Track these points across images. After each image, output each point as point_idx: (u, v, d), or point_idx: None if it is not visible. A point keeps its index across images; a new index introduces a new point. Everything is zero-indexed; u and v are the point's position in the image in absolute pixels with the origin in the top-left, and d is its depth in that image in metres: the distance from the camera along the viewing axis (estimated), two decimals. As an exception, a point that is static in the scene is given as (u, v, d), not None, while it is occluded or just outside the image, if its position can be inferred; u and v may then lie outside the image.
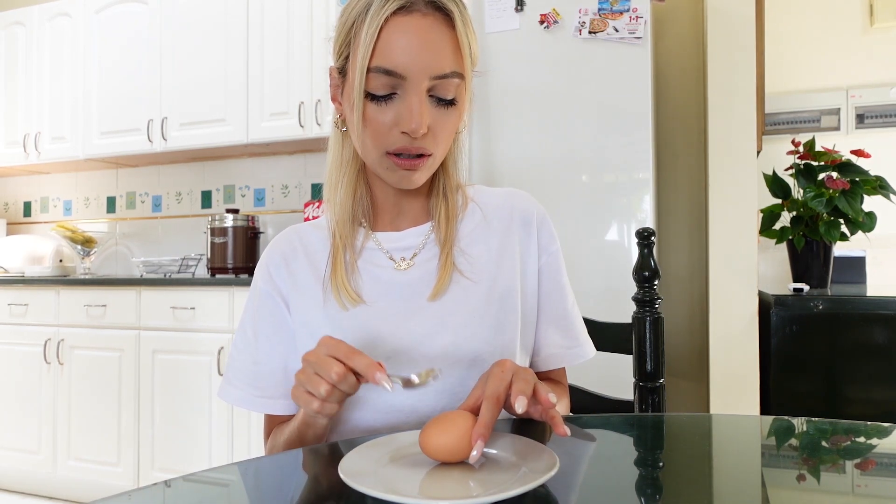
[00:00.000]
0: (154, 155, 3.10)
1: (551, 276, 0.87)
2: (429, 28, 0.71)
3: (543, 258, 0.86)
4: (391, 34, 0.70)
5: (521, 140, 1.94)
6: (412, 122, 0.71)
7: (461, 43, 0.73)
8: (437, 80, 0.72)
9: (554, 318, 0.87)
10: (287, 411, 0.83)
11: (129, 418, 2.63)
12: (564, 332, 0.88)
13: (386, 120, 0.73)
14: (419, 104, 0.71)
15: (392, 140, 0.73)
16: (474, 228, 0.85)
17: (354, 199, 0.83)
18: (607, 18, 1.87)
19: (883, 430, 0.74)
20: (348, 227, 0.82)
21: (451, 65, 0.72)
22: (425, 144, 0.74)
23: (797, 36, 2.53)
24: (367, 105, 0.73)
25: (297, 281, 0.83)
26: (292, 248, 0.85)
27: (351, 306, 0.79)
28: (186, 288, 2.56)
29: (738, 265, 1.92)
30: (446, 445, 0.57)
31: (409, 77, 0.71)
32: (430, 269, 0.81)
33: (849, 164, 2.05)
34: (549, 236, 0.87)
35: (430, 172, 0.79)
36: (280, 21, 2.76)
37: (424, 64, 0.70)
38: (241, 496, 0.59)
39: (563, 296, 0.88)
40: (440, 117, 0.74)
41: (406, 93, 0.72)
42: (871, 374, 1.76)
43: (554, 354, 0.88)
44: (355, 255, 0.82)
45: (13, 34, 3.36)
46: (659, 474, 0.62)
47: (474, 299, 0.80)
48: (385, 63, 0.70)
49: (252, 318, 0.85)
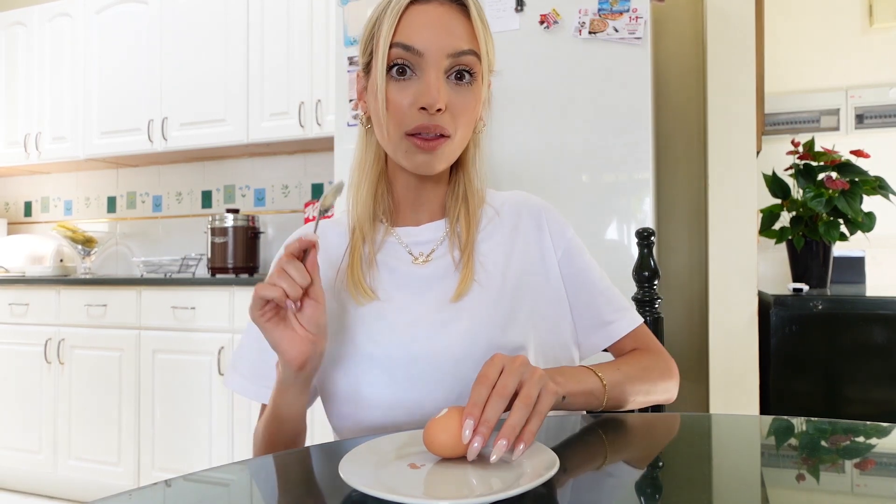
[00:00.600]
0: (154, 155, 3.10)
1: (570, 265, 0.87)
2: (445, 13, 0.76)
3: (560, 248, 0.87)
4: (410, 17, 0.75)
5: (521, 140, 1.94)
6: (429, 96, 0.74)
7: (476, 30, 0.77)
8: (454, 57, 0.76)
9: (582, 304, 0.87)
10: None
11: (129, 418, 2.63)
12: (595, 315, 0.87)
13: (405, 100, 0.75)
14: (436, 79, 0.75)
15: (411, 119, 0.75)
16: (487, 223, 0.87)
17: (376, 197, 0.84)
18: (607, 19, 1.87)
19: (882, 430, 0.74)
20: (368, 224, 0.84)
21: (467, 43, 0.76)
22: (443, 122, 0.76)
23: (797, 36, 2.53)
24: (390, 85, 0.76)
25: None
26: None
27: (365, 301, 0.80)
28: (187, 288, 2.56)
29: (737, 265, 1.92)
30: (450, 441, 0.57)
31: (426, 54, 0.75)
32: (447, 264, 0.83)
33: (848, 164, 2.05)
34: (558, 224, 0.89)
35: (450, 159, 0.80)
36: (280, 21, 2.76)
37: (441, 41, 0.75)
38: (241, 496, 0.59)
39: (587, 280, 0.87)
40: (458, 96, 0.77)
41: (424, 70, 0.75)
42: (871, 374, 1.76)
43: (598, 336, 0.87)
44: (374, 250, 0.84)
45: (13, 34, 3.37)
46: (659, 474, 0.62)
47: (487, 296, 0.81)
48: (404, 39, 0.75)
49: None
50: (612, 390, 0.76)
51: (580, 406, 0.74)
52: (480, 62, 0.78)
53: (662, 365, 0.87)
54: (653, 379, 0.84)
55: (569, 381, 0.72)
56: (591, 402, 0.75)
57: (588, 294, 0.87)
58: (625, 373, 0.79)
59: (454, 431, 0.57)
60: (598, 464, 0.64)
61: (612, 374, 0.78)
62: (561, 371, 0.74)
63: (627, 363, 0.83)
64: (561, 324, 0.86)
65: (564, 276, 0.87)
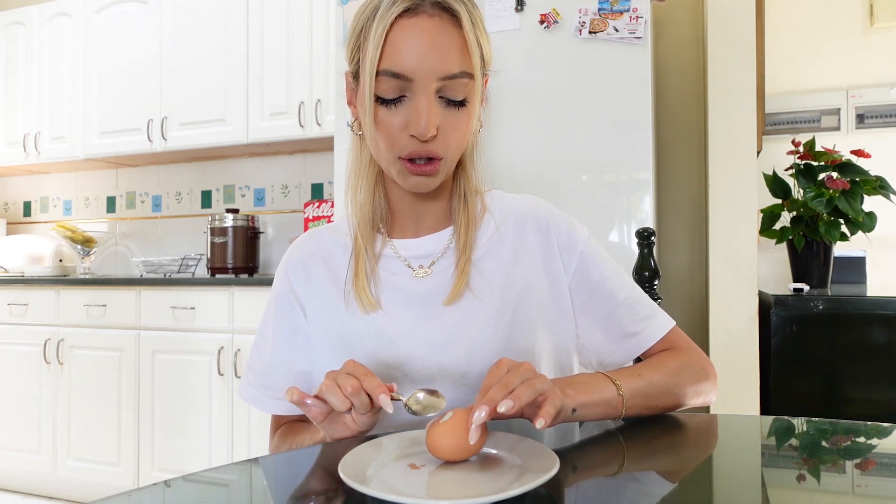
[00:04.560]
0: (154, 155, 3.10)
1: (586, 280, 0.83)
2: (435, 29, 0.70)
3: (573, 262, 0.82)
4: (397, 36, 0.70)
5: (521, 140, 1.94)
6: (420, 124, 0.70)
7: (469, 43, 0.72)
8: (446, 80, 0.71)
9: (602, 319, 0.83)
10: (295, 413, 0.83)
11: (129, 418, 2.63)
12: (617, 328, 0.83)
13: (396, 123, 0.72)
14: (427, 106, 0.71)
15: (403, 144, 0.73)
16: (487, 240, 0.83)
17: (373, 203, 0.82)
18: (607, 18, 1.87)
19: (883, 430, 0.74)
20: (368, 231, 0.82)
21: (459, 65, 0.71)
22: (435, 148, 0.73)
23: (798, 35, 2.53)
24: (378, 109, 0.72)
25: (315, 286, 0.84)
26: (310, 253, 0.86)
27: (370, 311, 0.79)
28: (186, 288, 2.56)
29: (738, 265, 1.92)
30: (451, 444, 0.57)
31: (416, 79, 0.70)
32: (448, 277, 0.80)
33: (849, 164, 2.05)
34: (569, 235, 0.83)
35: (444, 176, 0.77)
36: (280, 21, 2.75)
37: (431, 65, 0.70)
38: (242, 496, 0.59)
39: (606, 293, 0.82)
40: (450, 118, 0.73)
41: (414, 95, 0.71)
42: (871, 374, 1.76)
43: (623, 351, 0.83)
44: (375, 261, 0.82)
45: (13, 34, 3.36)
46: (659, 474, 0.62)
47: (487, 310, 0.79)
48: (392, 66, 0.70)
49: (268, 321, 0.87)
50: (631, 399, 0.72)
51: (595, 417, 0.71)
52: (474, 80, 0.73)
53: (695, 366, 0.80)
54: (682, 382, 0.77)
55: (580, 392, 0.68)
56: (608, 413, 0.72)
57: (608, 307, 0.82)
58: (647, 378, 0.75)
59: (458, 434, 0.57)
60: (597, 464, 0.64)
61: (633, 381, 0.73)
62: (572, 382, 0.71)
63: (652, 367, 0.77)
64: (562, 344, 0.83)
65: (579, 294, 0.82)
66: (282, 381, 0.84)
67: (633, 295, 0.83)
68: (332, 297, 0.82)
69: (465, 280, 0.79)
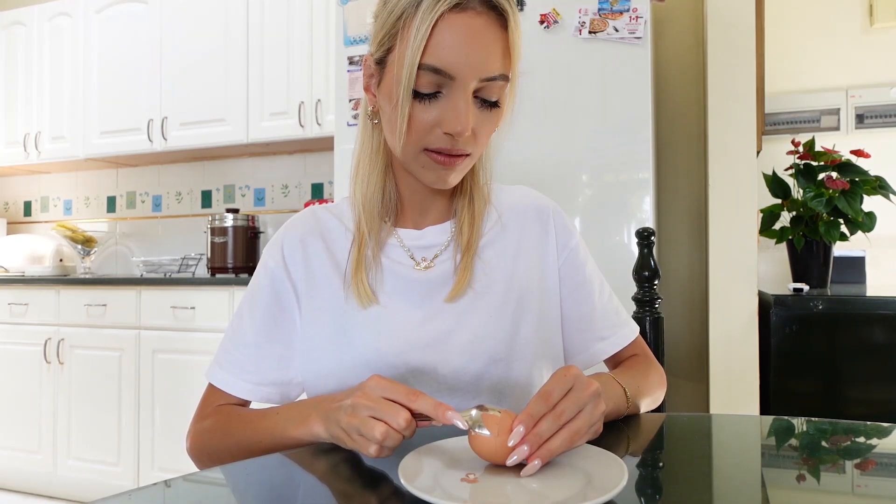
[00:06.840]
0: (154, 154, 3.10)
1: (571, 276, 0.85)
2: (481, 28, 0.68)
3: (563, 256, 0.85)
4: (443, 32, 0.67)
5: (521, 140, 1.94)
6: (458, 124, 0.69)
7: (512, 44, 0.71)
8: (485, 82, 0.70)
9: (576, 318, 0.85)
10: (269, 402, 0.80)
11: (129, 418, 2.63)
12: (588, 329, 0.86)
13: (428, 118, 0.70)
14: (465, 106, 0.69)
15: (433, 139, 0.71)
16: (490, 230, 0.84)
17: (384, 192, 0.80)
18: (607, 18, 1.87)
19: (883, 430, 0.74)
20: (375, 220, 0.80)
21: (499, 67, 0.70)
22: (465, 145, 0.72)
23: (797, 36, 2.53)
24: (413, 104, 0.70)
25: (313, 267, 0.81)
26: (311, 231, 0.84)
27: (367, 304, 0.77)
28: (186, 287, 2.56)
29: (738, 265, 1.92)
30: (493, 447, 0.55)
31: (457, 77, 0.69)
32: (449, 270, 0.80)
33: (849, 164, 2.05)
34: (565, 230, 0.86)
35: (464, 173, 0.77)
36: (280, 21, 2.75)
37: (475, 65, 0.68)
38: (242, 496, 0.59)
39: (587, 293, 0.86)
40: (483, 119, 0.72)
41: (452, 93, 0.69)
42: (871, 374, 1.76)
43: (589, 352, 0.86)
44: (378, 251, 0.80)
45: (13, 34, 3.36)
46: (659, 474, 0.62)
47: (491, 301, 0.79)
48: (435, 62, 0.68)
49: (254, 298, 0.82)
50: (632, 400, 0.76)
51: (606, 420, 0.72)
52: (509, 81, 0.72)
53: (659, 373, 0.87)
54: (653, 387, 0.83)
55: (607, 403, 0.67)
56: (614, 416, 0.74)
57: (586, 307, 0.85)
58: (637, 383, 0.79)
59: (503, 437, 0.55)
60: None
61: (631, 384, 0.77)
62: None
63: (638, 371, 0.83)
64: (553, 338, 0.84)
65: (563, 286, 0.85)
66: (263, 364, 0.80)
67: (610, 301, 0.88)
68: (330, 281, 0.80)
69: (468, 277, 0.79)
